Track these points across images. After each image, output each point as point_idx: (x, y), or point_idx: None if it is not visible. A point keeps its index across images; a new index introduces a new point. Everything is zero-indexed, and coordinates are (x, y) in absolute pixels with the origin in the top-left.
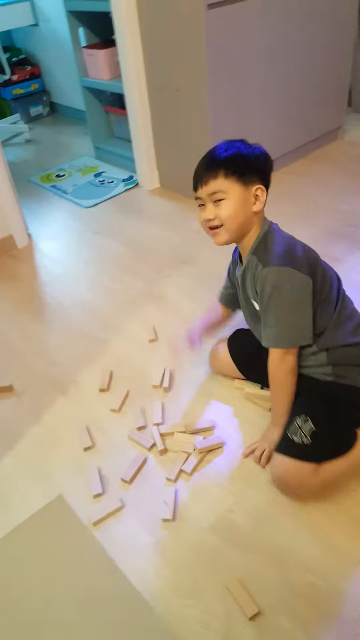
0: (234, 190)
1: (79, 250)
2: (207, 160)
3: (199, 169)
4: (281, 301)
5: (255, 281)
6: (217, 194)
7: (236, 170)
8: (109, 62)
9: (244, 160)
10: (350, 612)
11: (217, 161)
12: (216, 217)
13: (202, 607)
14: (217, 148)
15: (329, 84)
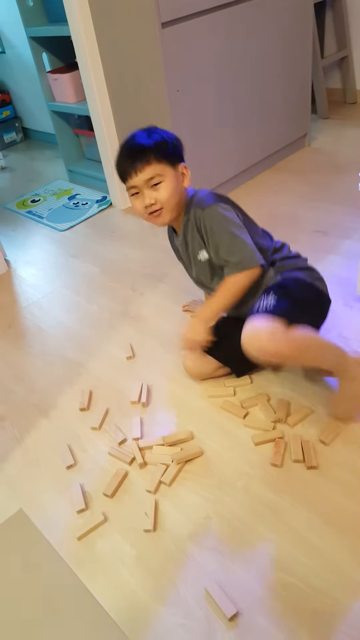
0: (167, 172)
1: (56, 274)
2: (135, 148)
3: (128, 159)
4: (224, 227)
5: (199, 227)
6: (154, 179)
7: (165, 153)
8: (74, 85)
9: (168, 144)
10: (323, 606)
11: (146, 148)
12: (156, 201)
13: (184, 613)
14: (137, 136)
15: (290, 93)
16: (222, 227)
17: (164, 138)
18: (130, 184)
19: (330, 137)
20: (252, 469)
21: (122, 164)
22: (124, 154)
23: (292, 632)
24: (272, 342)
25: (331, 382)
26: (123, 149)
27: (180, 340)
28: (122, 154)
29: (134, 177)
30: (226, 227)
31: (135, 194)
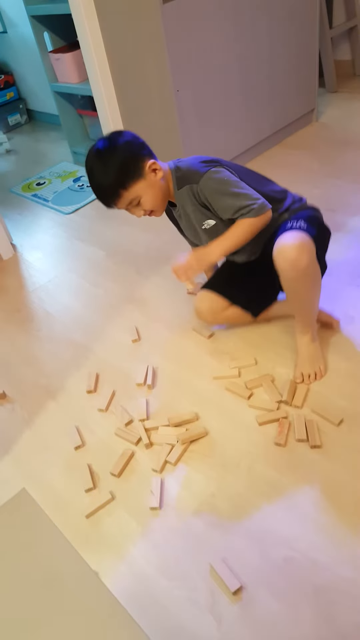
0: (139, 188)
1: (62, 258)
2: (100, 191)
3: (99, 199)
4: (223, 185)
5: (199, 199)
6: (133, 201)
7: (128, 179)
8: (77, 64)
9: (127, 167)
10: (324, 580)
11: (109, 188)
12: (146, 211)
13: (189, 587)
14: (95, 173)
15: (296, 67)
16: (222, 191)
17: (121, 162)
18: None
19: (339, 111)
20: (256, 448)
21: (99, 200)
22: (95, 193)
23: (295, 606)
24: (305, 257)
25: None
26: (91, 187)
27: (176, 267)
28: (94, 192)
29: (115, 208)
30: (225, 189)
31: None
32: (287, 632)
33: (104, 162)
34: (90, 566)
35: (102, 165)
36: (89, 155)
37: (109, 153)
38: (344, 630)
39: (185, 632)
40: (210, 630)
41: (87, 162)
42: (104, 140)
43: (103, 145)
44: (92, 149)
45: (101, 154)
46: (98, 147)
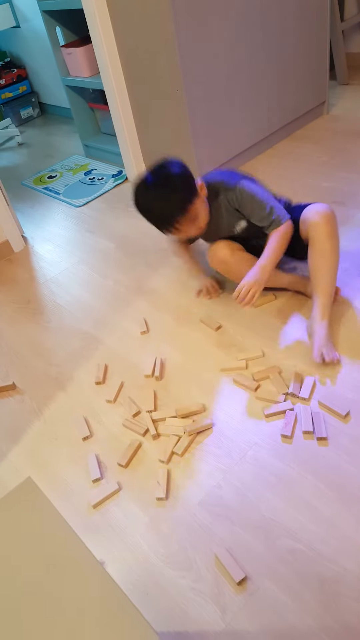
0: (198, 206)
1: (73, 250)
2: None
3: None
4: (255, 197)
5: (233, 205)
6: (193, 219)
7: (190, 196)
8: (88, 59)
9: (187, 186)
10: (328, 572)
11: (175, 212)
12: (199, 229)
13: (194, 577)
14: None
15: (307, 59)
16: (253, 199)
17: (181, 184)
18: (173, 233)
19: (350, 104)
20: (262, 439)
21: (161, 228)
22: (157, 224)
23: (298, 596)
24: (335, 222)
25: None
26: (152, 219)
27: (243, 290)
28: (155, 223)
29: (177, 230)
30: (255, 198)
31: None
32: (291, 622)
33: (165, 187)
34: (97, 555)
35: (165, 190)
36: (141, 187)
37: (164, 182)
38: (347, 621)
39: (190, 621)
40: (215, 620)
41: (142, 194)
42: (152, 175)
43: (153, 179)
44: (142, 186)
45: (160, 182)
46: (153, 178)
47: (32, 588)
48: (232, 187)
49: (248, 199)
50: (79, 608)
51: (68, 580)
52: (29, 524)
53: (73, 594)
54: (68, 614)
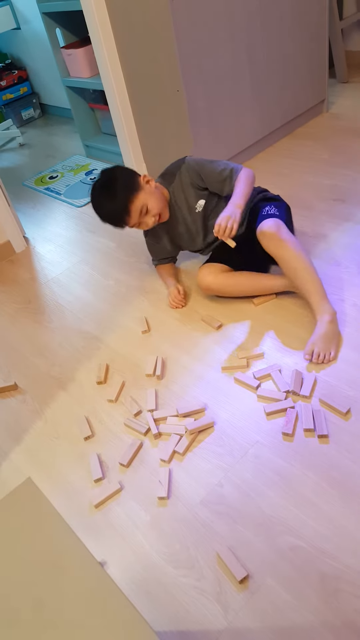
0: (143, 198)
1: (74, 250)
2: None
3: (111, 224)
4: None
5: (191, 179)
6: (142, 211)
7: (131, 192)
8: (88, 59)
9: (126, 184)
10: (330, 569)
11: (120, 206)
12: (155, 217)
13: (196, 575)
14: (103, 202)
15: (306, 57)
16: (203, 164)
17: (122, 183)
18: (130, 227)
19: (349, 102)
20: (264, 437)
21: (113, 223)
22: (108, 222)
23: (300, 593)
24: (282, 234)
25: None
26: (103, 219)
27: (222, 225)
28: (107, 222)
29: (128, 226)
30: (205, 162)
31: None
32: (293, 619)
33: (109, 190)
34: (99, 555)
35: (109, 193)
36: (93, 193)
37: (110, 182)
38: (349, 617)
39: (192, 620)
40: (217, 618)
41: (94, 199)
42: (101, 178)
43: (103, 181)
44: (95, 188)
45: (105, 186)
46: (99, 184)
47: (30, 588)
48: (181, 164)
49: (199, 166)
50: (77, 608)
51: (67, 580)
52: (28, 524)
53: (72, 594)
54: (67, 614)
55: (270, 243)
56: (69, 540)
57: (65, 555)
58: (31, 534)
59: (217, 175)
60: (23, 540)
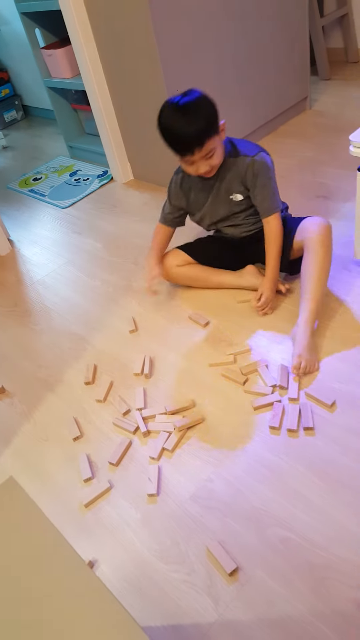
0: (216, 142)
1: (60, 252)
2: (187, 136)
3: (182, 144)
4: (268, 176)
5: (243, 172)
6: (209, 153)
7: (211, 129)
8: (69, 60)
9: (211, 119)
10: (319, 559)
11: (197, 134)
12: (211, 167)
13: (187, 570)
14: (184, 121)
15: (288, 56)
16: (266, 175)
17: (207, 114)
18: (185, 159)
19: (332, 99)
20: (251, 432)
21: (176, 147)
22: (178, 140)
23: (290, 584)
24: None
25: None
26: (176, 135)
27: (260, 306)
28: (176, 140)
29: (190, 157)
30: (269, 174)
31: (186, 161)
32: (283, 609)
33: (191, 113)
34: (90, 554)
35: (189, 115)
36: (167, 109)
37: (194, 107)
38: (338, 606)
39: (183, 614)
40: (208, 611)
41: (168, 114)
42: (184, 96)
43: (185, 101)
44: (171, 104)
45: (186, 106)
46: (179, 102)
47: (13, 587)
48: (254, 153)
49: (262, 172)
50: (62, 607)
51: (51, 578)
52: (10, 523)
53: (56, 593)
54: (51, 613)
55: (318, 237)
56: (52, 538)
57: (49, 553)
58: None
59: (261, 199)
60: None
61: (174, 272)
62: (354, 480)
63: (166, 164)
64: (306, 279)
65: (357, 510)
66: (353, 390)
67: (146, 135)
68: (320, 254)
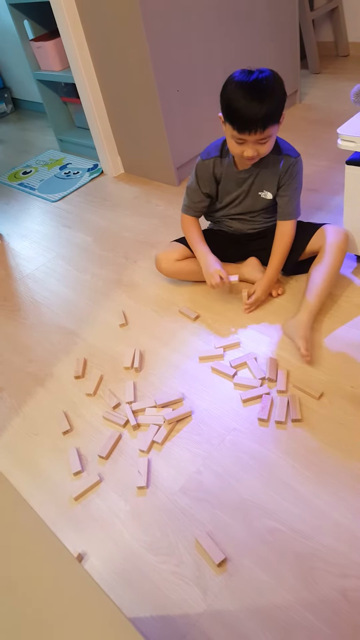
0: (274, 131)
1: (50, 245)
2: (257, 113)
3: (247, 120)
4: (301, 181)
5: (284, 170)
6: (265, 139)
7: (279, 116)
8: (58, 52)
9: (281, 104)
10: (305, 548)
11: (267, 115)
12: (258, 154)
13: (176, 561)
14: (258, 96)
15: (278, 49)
16: (299, 180)
17: (279, 98)
18: (240, 137)
19: (322, 92)
20: (241, 424)
21: (246, 118)
22: (240, 115)
23: (277, 573)
24: (347, 242)
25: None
26: (239, 108)
27: (249, 304)
28: (237, 113)
29: (247, 136)
30: (301, 181)
31: (239, 140)
32: (271, 598)
33: (264, 93)
34: (80, 547)
35: (263, 94)
36: (237, 80)
37: (269, 88)
38: (324, 593)
39: (173, 604)
40: (197, 602)
41: (238, 85)
42: (263, 73)
43: (264, 77)
44: (243, 77)
45: (261, 84)
46: (254, 77)
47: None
48: (295, 155)
49: (298, 175)
50: (49, 601)
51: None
52: None
53: (43, 587)
54: (38, 608)
55: (338, 242)
56: (39, 531)
57: (36, 546)
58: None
59: (287, 201)
60: None
61: (174, 267)
62: (340, 470)
63: (157, 157)
64: (317, 277)
65: (342, 499)
66: (340, 382)
67: (137, 128)
68: (337, 260)
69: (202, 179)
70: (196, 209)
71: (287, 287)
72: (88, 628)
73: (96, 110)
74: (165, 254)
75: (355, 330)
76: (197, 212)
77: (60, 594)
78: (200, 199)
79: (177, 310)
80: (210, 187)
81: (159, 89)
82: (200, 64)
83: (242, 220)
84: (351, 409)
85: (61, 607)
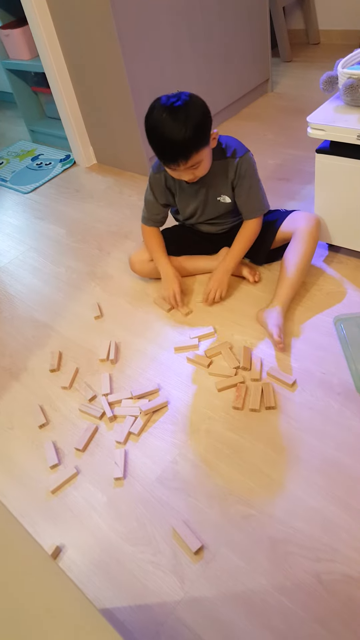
0: (204, 153)
1: (22, 238)
2: (174, 146)
3: (167, 154)
4: (255, 176)
5: (232, 174)
6: (195, 165)
7: (203, 141)
8: (27, 40)
9: (203, 128)
10: (279, 533)
11: (185, 145)
12: (195, 177)
13: (152, 551)
14: (172, 128)
15: (248, 38)
16: (252, 175)
17: (198, 123)
18: (170, 169)
19: (293, 81)
20: (215, 413)
21: (161, 156)
22: (162, 147)
23: (252, 559)
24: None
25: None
26: (159, 140)
27: (210, 294)
28: (160, 146)
29: (176, 167)
30: (255, 176)
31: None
32: (247, 584)
33: (181, 119)
34: (58, 539)
35: (180, 122)
36: (157, 109)
37: (184, 113)
38: (298, 577)
39: (150, 593)
40: (174, 590)
41: (157, 116)
42: (177, 98)
43: (178, 104)
44: (163, 104)
45: (178, 110)
46: (172, 104)
47: None
48: (241, 153)
49: (248, 173)
50: (22, 599)
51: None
52: None
53: (14, 583)
54: (10, 606)
55: (310, 228)
56: (11, 527)
57: (7, 543)
58: None
59: (245, 200)
60: None
61: (147, 267)
62: (312, 455)
63: (129, 148)
64: (290, 265)
65: (314, 484)
66: (311, 369)
67: (108, 118)
68: (309, 245)
69: (157, 191)
70: (155, 220)
71: (261, 276)
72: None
73: (67, 100)
74: (137, 255)
75: (326, 318)
76: (157, 223)
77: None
78: (158, 210)
79: (151, 301)
80: (167, 198)
81: (129, 78)
82: (170, 53)
83: (211, 224)
84: (322, 395)
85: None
